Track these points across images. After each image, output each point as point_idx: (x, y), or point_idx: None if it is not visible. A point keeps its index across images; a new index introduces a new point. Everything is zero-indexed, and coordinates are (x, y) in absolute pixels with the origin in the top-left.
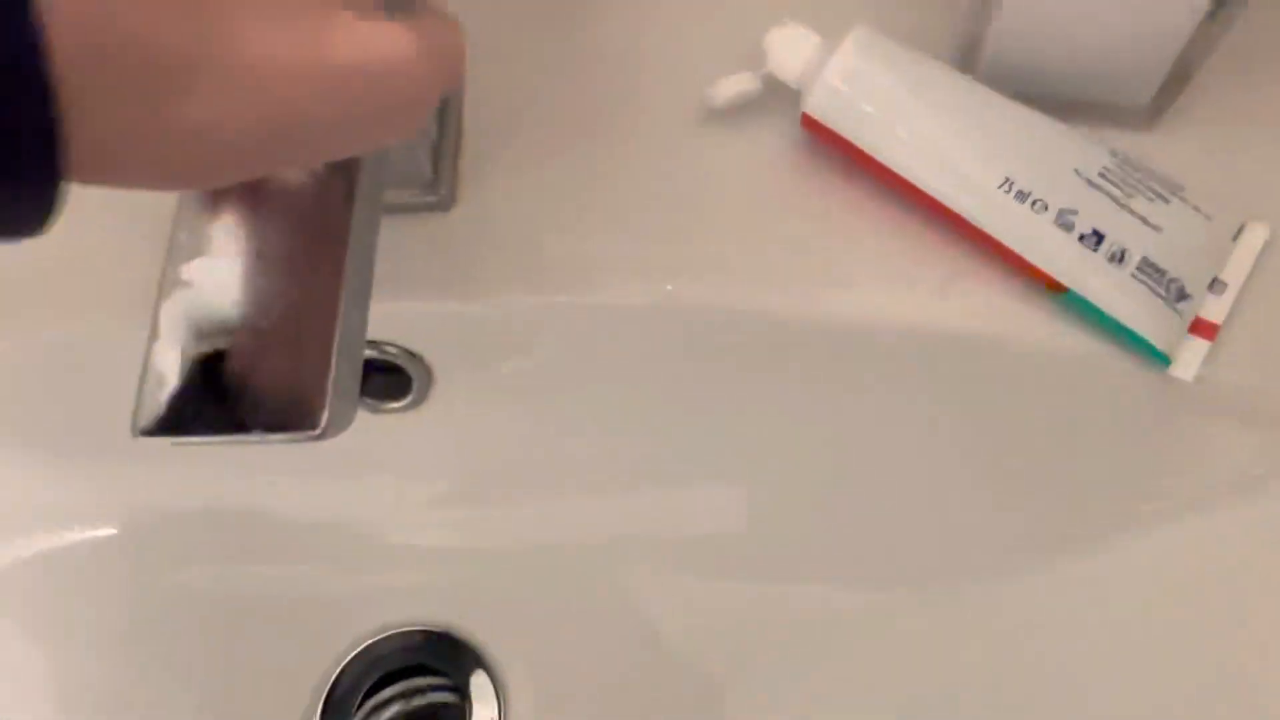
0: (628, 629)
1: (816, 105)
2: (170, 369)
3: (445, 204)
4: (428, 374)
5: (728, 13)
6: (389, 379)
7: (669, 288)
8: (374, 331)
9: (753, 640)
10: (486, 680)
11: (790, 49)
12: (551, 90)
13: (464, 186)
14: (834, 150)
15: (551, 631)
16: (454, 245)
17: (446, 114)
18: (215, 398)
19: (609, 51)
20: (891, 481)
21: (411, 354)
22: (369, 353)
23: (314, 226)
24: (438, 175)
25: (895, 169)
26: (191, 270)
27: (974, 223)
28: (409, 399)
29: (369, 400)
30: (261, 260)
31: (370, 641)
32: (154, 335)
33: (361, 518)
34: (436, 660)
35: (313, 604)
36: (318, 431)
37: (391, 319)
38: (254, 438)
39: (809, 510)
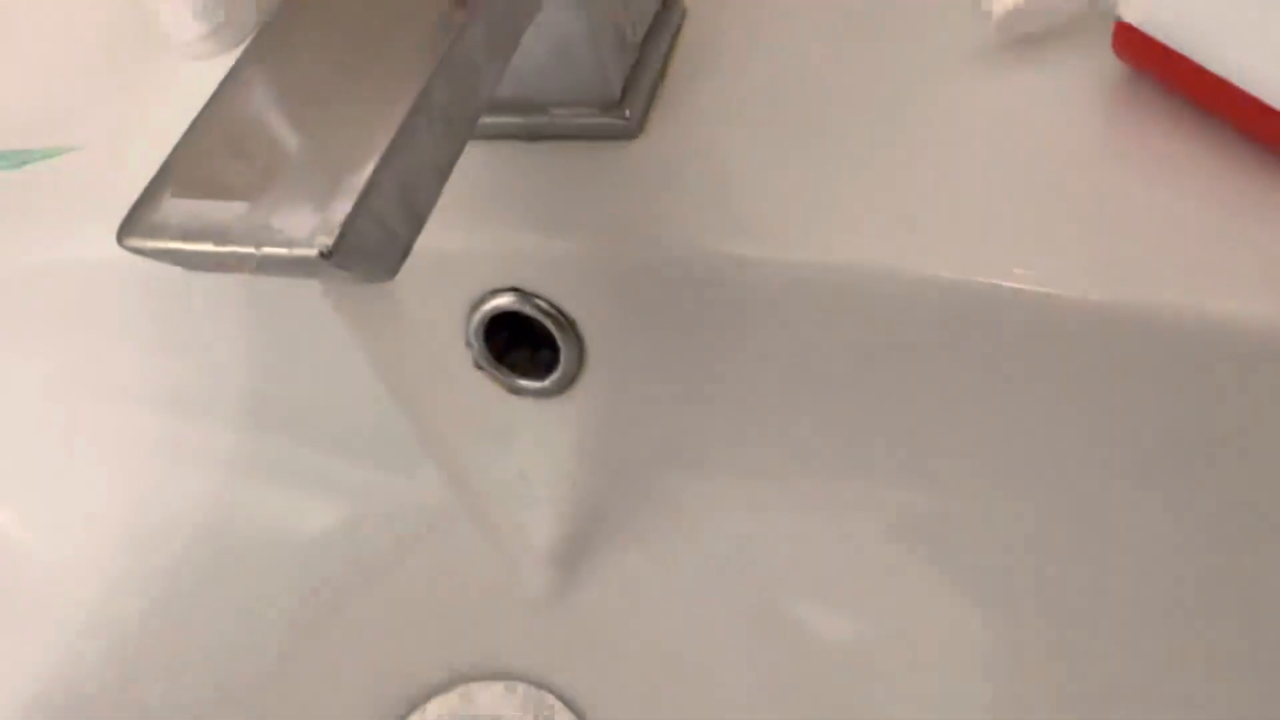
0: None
1: (1139, 9)
2: (180, 171)
3: (630, 130)
4: (579, 349)
5: None
6: (533, 356)
7: (938, 272)
8: (524, 279)
9: None
10: None
11: None
12: (791, 23)
13: (660, 115)
14: (1164, 82)
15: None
16: (635, 181)
17: (659, 27)
18: (217, 212)
19: None
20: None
21: (564, 318)
22: (515, 306)
23: (414, 31)
24: (627, 96)
25: (1264, 96)
26: (252, 72)
27: None
28: (552, 380)
29: (505, 373)
30: (327, 81)
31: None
32: (188, 130)
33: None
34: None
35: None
36: (320, 250)
37: (545, 265)
38: (244, 250)
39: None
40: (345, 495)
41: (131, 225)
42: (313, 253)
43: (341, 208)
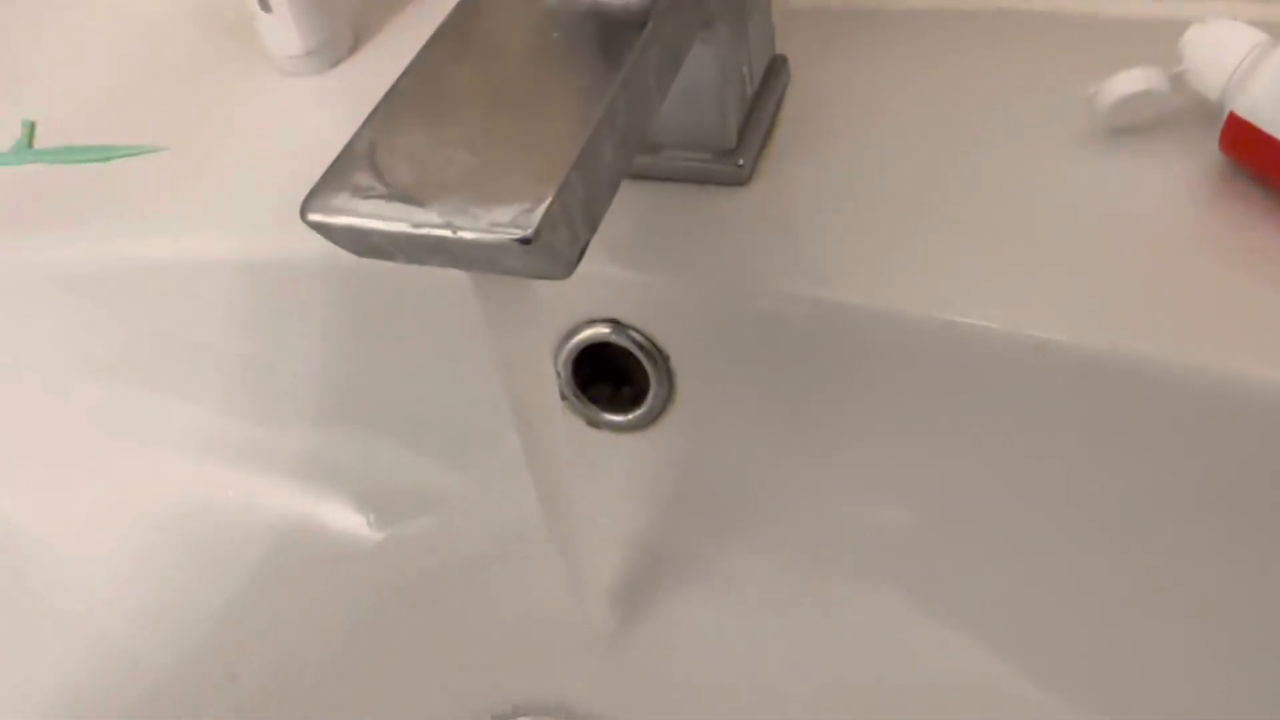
0: None
1: (1254, 103)
2: (367, 154)
3: (741, 178)
4: (669, 385)
5: (1129, 44)
6: (620, 391)
7: (1034, 331)
8: (622, 311)
9: None
10: None
11: (1218, 45)
12: (894, 94)
13: (768, 167)
14: (1263, 175)
15: None
16: (743, 227)
17: (769, 83)
18: (405, 194)
19: (971, 66)
20: None
21: (658, 352)
22: (610, 337)
23: (597, 60)
24: (742, 145)
25: None
26: (433, 64)
27: None
28: (636, 414)
29: (591, 407)
30: (507, 84)
31: None
32: (370, 116)
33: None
34: None
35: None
36: (521, 237)
37: (645, 299)
38: (439, 233)
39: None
40: (411, 511)
41: (318, 201)
42: (512, 238)
43: (541, 201)
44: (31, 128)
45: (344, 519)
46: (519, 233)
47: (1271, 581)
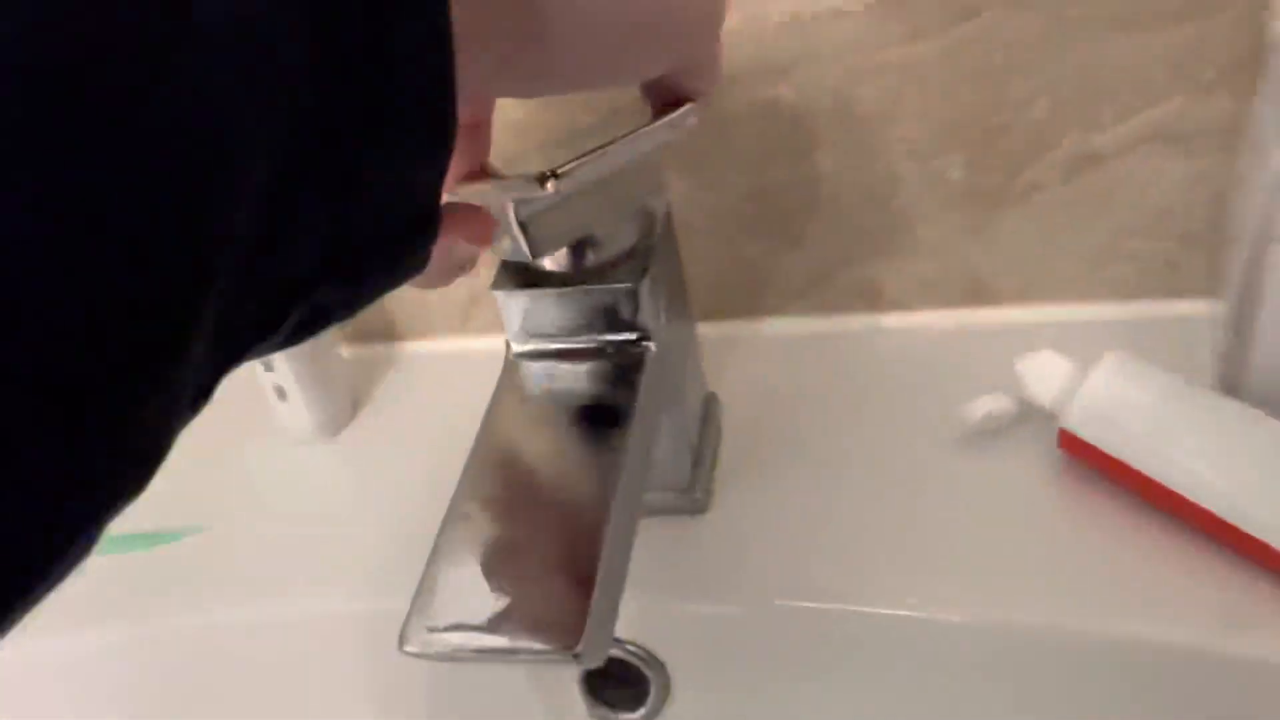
0: None
1: (1076, 420)
2: (441, 591)
3: (700, 507)
4: (666, 685)
5: (974, 350)
6: (624, 693)
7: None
8: (619, 629)
9: None
10: None
11: (1045, 372)
12: (804, 412)
13: (718, 494)
14: (1095, 467)
15: None
16: (707, 548)
17: (707, 426)
18: (479, 624)
19: (860, 381)
20: None
21: (653, 659)
22: (613, 651)
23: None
24: (694, 481)
25: (1168, 484)
26: (470, 508)
27: (1262, 540)
28: (643, 711)
29: (601, 710)
30: (532, 513)
31: None
32: (432, 558)
33: None
34: None
35: None
36: (573, 652)
37: (638, 618)
38: (516, 655)
39: None
40: None
41: (414, 637)
42: (571, 653)
43: (581, 621)
44: None
45: None
46: (569, 653)
47: None
